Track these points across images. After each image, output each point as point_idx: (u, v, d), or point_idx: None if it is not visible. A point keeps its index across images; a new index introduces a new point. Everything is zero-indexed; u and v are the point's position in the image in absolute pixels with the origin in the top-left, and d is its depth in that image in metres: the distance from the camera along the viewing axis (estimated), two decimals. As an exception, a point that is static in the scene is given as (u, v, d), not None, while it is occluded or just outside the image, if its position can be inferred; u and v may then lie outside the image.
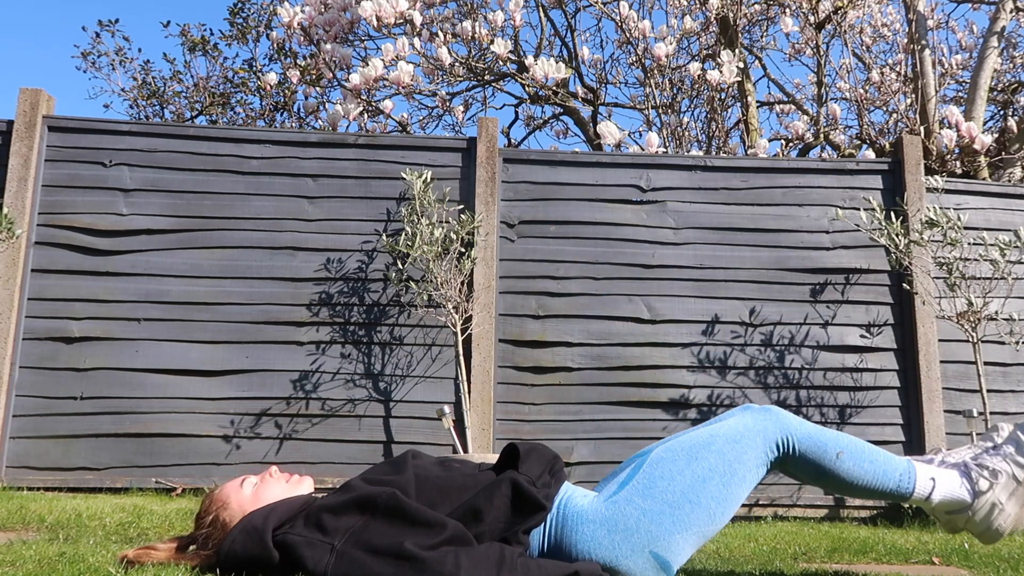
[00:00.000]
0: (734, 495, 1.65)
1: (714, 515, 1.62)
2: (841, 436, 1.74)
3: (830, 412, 4.25)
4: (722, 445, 1.66)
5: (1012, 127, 6.89)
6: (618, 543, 1.56)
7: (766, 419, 1.71)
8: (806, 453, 1.70)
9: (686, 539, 1.59)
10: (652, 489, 1.60)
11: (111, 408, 3.99)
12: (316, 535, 1.48)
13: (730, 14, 6.66)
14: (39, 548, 1.92)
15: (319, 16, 6.52)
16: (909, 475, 1.73)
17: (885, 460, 1.74)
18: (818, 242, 4.43)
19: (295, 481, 1.72)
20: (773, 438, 1.69)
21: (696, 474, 1.62)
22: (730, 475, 1.64)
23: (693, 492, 1.60)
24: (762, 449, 1.68)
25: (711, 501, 1.61)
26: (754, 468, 1.68)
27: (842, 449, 1.71)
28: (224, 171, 4.29)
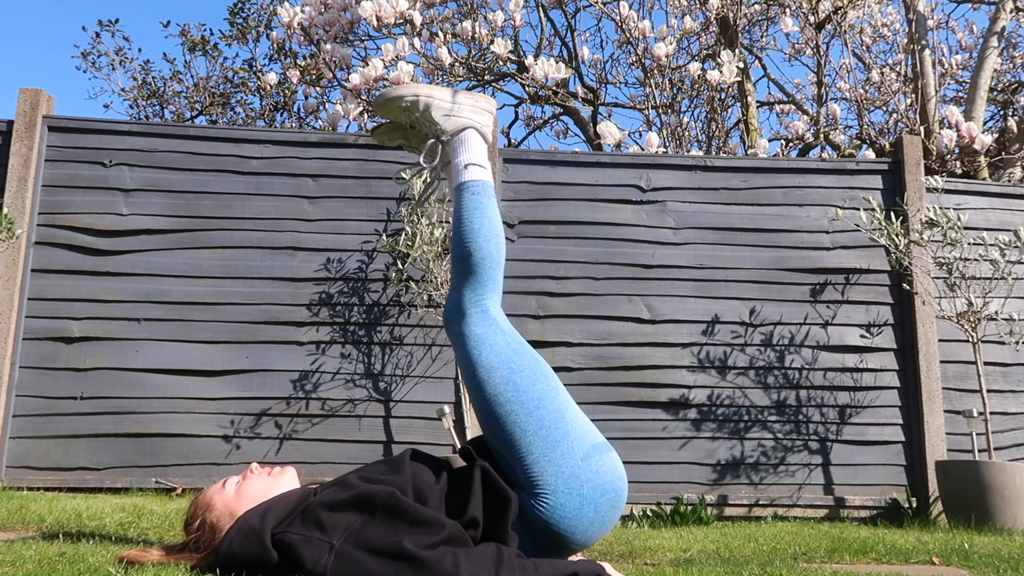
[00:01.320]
0: (524, 360, 1.73)
1: (546, 387, 1.71)
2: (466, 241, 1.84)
3: (830, 412, 4.25)
4: (484, 361, 1.74)
5: (1012, 127, 6.89)
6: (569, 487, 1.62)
7: (458, 317, 1.80)
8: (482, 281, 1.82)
9: (569, 420, 1.67)
10: (519, 445, 1.65)
11: (111, 408, 3.99)
12: (314, 533, 1.48)
13: (730, 14, 6.66)
14: (39, 548, 1.92)
15: (319, 16, 6.52)
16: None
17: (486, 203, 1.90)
18: (818, 242, 4.43)
19: (276, 473, 1.72)
20: (473, 314, 1.80)
21: (509, 399, 1.69)
22: (508, 363, 1.72)
23: (526, 405, 1.67)
24: (483, 325, 1.79)
25: (533, 387, 1.70)
26: (499, 334, 1.78)
27: (474, 247, 1.83)
28: (224, 171, 4.29)
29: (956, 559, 2.45)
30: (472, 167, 1.92)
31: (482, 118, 2.02)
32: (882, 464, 4.21)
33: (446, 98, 2.00)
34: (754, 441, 4.20)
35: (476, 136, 1.98)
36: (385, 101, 2.00)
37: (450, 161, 1.99)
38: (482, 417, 1.72)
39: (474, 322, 1.78)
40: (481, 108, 2.03)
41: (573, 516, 1.60)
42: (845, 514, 4.10)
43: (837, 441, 4.22)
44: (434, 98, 1.99)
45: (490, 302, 1.81)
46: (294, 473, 1.75)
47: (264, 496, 1.64)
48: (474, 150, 1.96)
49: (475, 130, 1.99)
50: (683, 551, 2.57)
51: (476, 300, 1.80)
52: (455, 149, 1.97)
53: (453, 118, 1.99)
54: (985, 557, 2.44)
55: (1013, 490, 3.50)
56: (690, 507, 3.89)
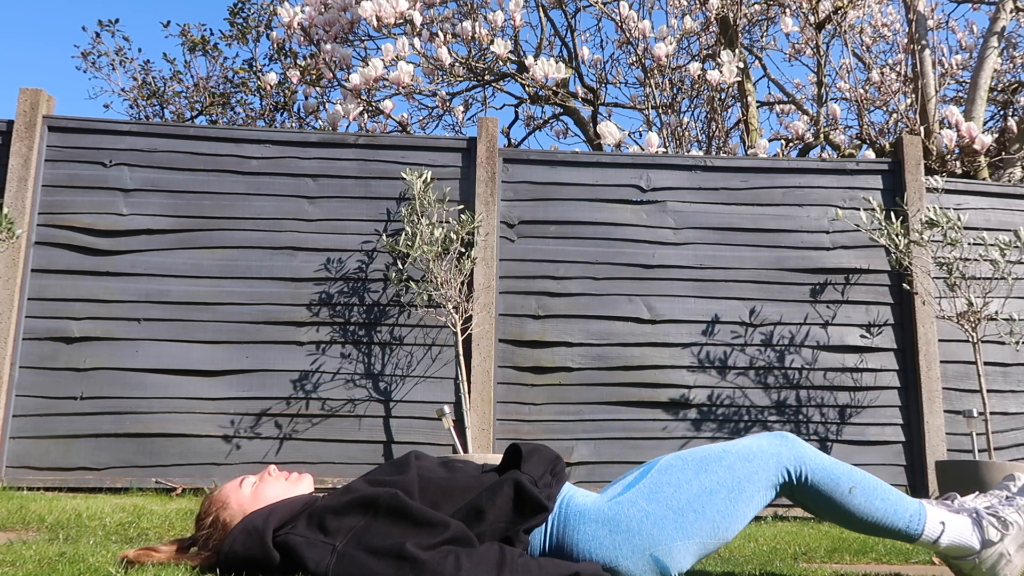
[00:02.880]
0: (740, 512, 1.64)
1: (718, 528, 1.61)
2: (855, 471, 1.73)
3: (830, 412, 4.25)
4: (733, 461, 1.66)
5: (1012, 127, 6.89)
6: (619, 543, 1.56)
7: (781, 444, 1.71)
8: (818, 484, 1.70)
9: (687, 547, 1.59)
10: (657, 494, 1.60)
11: (111, 408, 3.99)
12: (318, 536, 1.48)
13: (730, 14, 6.66)
14: (39, 548, 1.92)
15: (319, 16, 6.52)
16: (920, 516, 1.72)
17: (897, 499, 1.73)
18: (818, 242, 4.43)
19: (294, 479, 1.72)
20: (785, 463, 1.69)
21: (704, 485, 1.62)
22: (738, 492, 1.64)
23: (699, 502, 1.60)
24: (774, 471, 1.68)
25: (716, 514, 1.61)
26: (763, 489, 1.67)
27: (855, 484, 1.71)
28: (224, 171, 4.29)
29: (956, 559, 2.44)
30: (938, 526, 1.73)
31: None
32: (882, 464, 4.21)
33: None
34: (754, 441, 4.19)
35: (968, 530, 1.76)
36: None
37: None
38: (682, 457, 1.66)
39: (779, 469, 1.68)
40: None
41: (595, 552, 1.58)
42: (845, 514, 4.10)
43: (837, 441, 4.22)
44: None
45: (798, 488, 1.72)
46: (311, 480, 1.75)
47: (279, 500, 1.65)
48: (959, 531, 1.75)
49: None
50: (683, 551, 2.57)
51: (798, 477, 1.70)
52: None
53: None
54: (985, 557, 2.43)
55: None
56: (690, 507, 3.88)
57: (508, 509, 1.56)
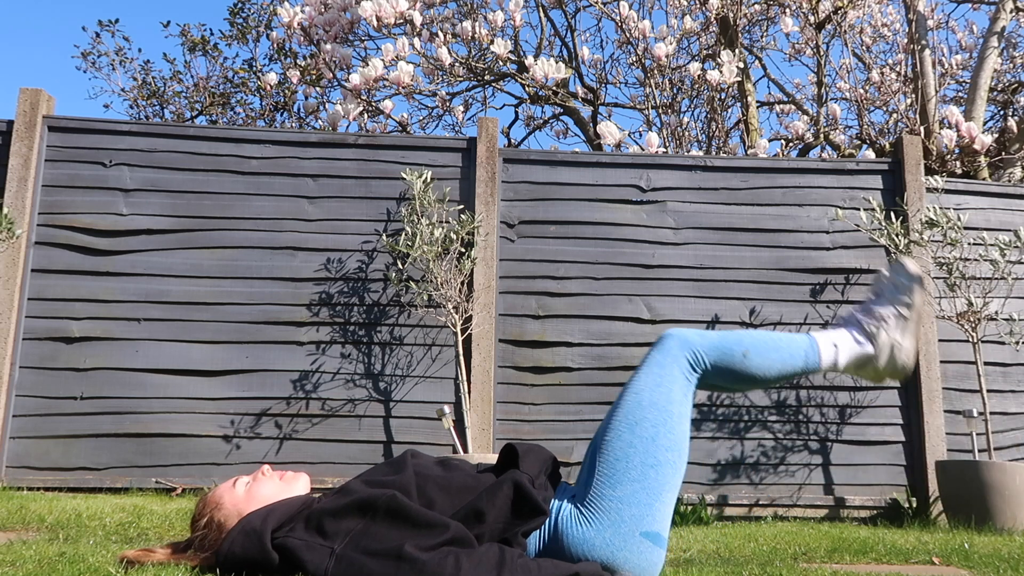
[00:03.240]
0: (681, 434, 1.69)
1: (675, 464, 1.66)
2: (744, 335, 1.78)
3: (830, 412, 4.25)
4: (650, 396, 1.70)
5: (1012, 127, 6.89)
6: (610, 539, 1.57)
7: (671, 345, 1.77)
8: (717, 363, 1.75)
9: (664, 501, 1.63)
10: (615, 475, 1.62)
11: (111, 408, 3.99)
12: (316, 539, 1.48)
13: (730, 14, 6.66)
14: (39, 548, 1.92)
15: (319, 16, 6.52)
16: (813, 350, 1.81)
17: (788, 343, 1.80)
18: (818, 242, 4.43)
19: (289, 478, 1.72)
20: (684, 362, 1.75)
21: (644, 439, 1.65)
22: (669, 419, 1.68)
23: (650, 456, 1.64)
24: (683, 378, 1.74)
25: (667, 453, 1.65)
26: (684, 399, 1.73)
27: (746, 348, 1.76)
28: (224, 171, 4.29)
29: (956, 559, 2.45)
30: (831, 349, 1.83)
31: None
32: (882, 464, 4.21)
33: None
34: (754, 441, 4.20)
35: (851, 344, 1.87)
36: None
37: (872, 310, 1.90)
38: (613, 422, 1.69)
39: (684, 369, 1.74)
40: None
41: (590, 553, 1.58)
42: (845, 514, 4.10)
43: (837, 441, 4.22)
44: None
45: (709, 375, 1.76)
46: (306, 479, 1.75)
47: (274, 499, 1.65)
48: (846, 347, 1.85)
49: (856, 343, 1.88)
50: (683, 551, 2.57)
51: (705, 364, 1.75)
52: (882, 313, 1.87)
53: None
54: (985, 557, 2.44)
55: (1013, 490, 3.50)
56: (690, 507, 3.89)
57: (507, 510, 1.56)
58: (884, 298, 1.90)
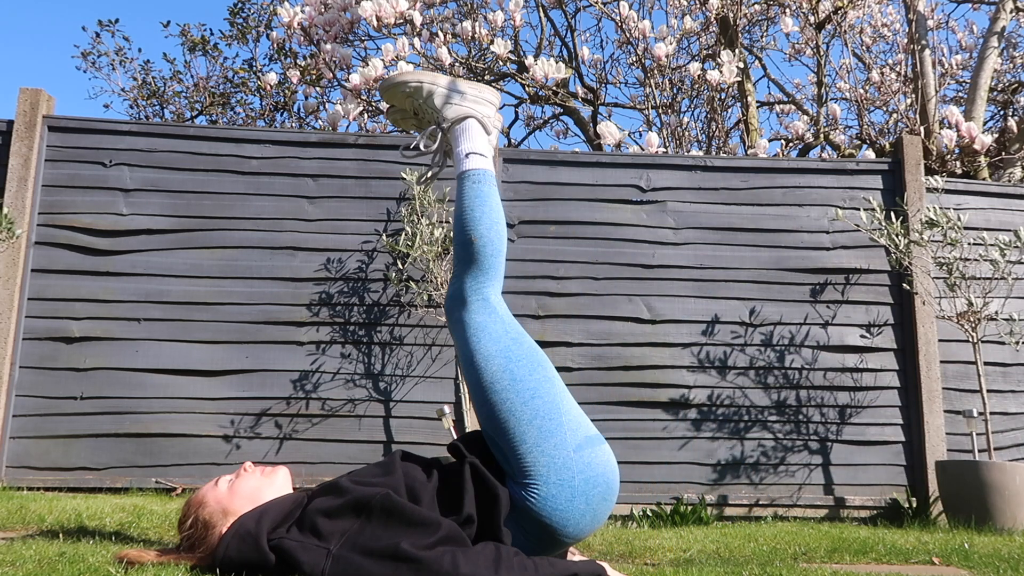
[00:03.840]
0: (518, 348, 1.76)
1: (542, 375, 1.75)
2: (472, 229, 1.84)
3: (830, 412, 4.25)
4: (479, 359, 1.75)
5: (1012, 127, 6.89)
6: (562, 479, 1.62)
7: (455, 311, 1.82)
8: (473, 273, 1.83)
9: (563, 410, 1.70)
10: (516, 436, 1.66)
11: (111, 408, 3.98)
12: (311, 540, 1.48)
13: (730, 14, 6.65)
14: (39, 548, 1.92)
15: (319, 16, 6.52)
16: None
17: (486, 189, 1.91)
18: (818, 242, 4.43)
19: (269, 472, 1.73)
20: (472, 305, 1.81)
21: (504, 387, 1.71)
22: (503, 353, 1.74)
23: (521, 394, 1.70)
24: (479, 315, 1.80)
25: (528, 376, 1.73)
26: (492, 322, 1.79)
27: (476, 235, 1.84)
28: (224, 171, 4.29)
29: (956, 559, 2.45)
30: (473, 156, 1.93)
31: (485, 108, 2.03)
32: (882, 464, 4.21)
33: (448, 86, 2.01)
34: (754, 441, 4.20)
35: (477, 125, 2.00)
36: (390, 86, 2.03)
37: (452, 150, 2.01)
38: (478, 405, 1.73)
39: (474, 310, 1.79)
40: (484, 99, 2.04)
41: (564, 508, 1.60)
42: (845, 514, 4.10)
43: (837, 441, 4.22)
44: (437, 86, 2.01)
45: (491, 291, 1.82)
46: (287, 472, 1.76)
47: (257, 494, 1.65)
48: (475, 139, 1.97)
49: (476, 120, 2.00)
50: (683, 551, 2.57)
51: (477, 288, 1.81)
52: (456, 138, 1.99)
53: (455, 106, 2.00)
54: (985, 557, 2.44)
55: (1013, 490, 3.50)
56: (690, 507, 3.89)
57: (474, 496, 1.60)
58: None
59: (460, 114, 1.99)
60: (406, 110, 2.08)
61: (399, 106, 2.08)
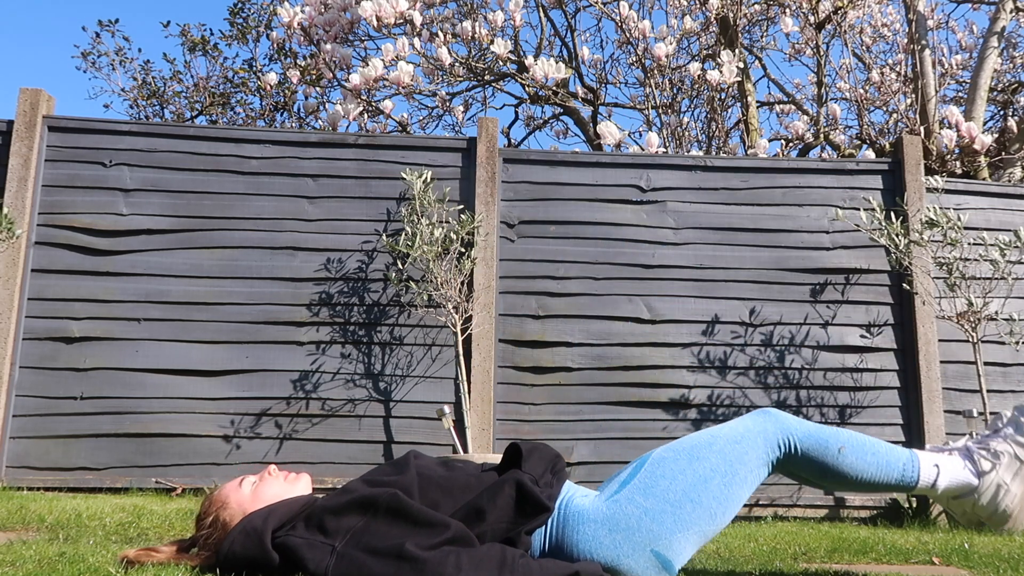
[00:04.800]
0: (735, 495, 1.65)
1: (715, 515, 1.62)
2: (841, 432, 1.73)
3: (830, 412, 4.25)
4: (724, 445, 1.67)
5: (1012, 127, 6.89)
6: (619, 542, 1.56)
7: (766, 420, 1.72)
8: (808, 452, 1.70)
9: (687, 538, 1.59)
10: (653, 488, 1.60)
11: (111, 408, 3.99)
12: (317, 537, 1.48)
13: (730, 14, 6.66)
14: (39, 548, 1.92)
15: (319, 16, 6.52)
16: (913, 464, 1.73)
17: (887, 452, 1.74)
18: (818, 242, 4.43)
19: (292, 479, 1.72)
20: (774, 438, 1.70)
21: (698, 473, 1.62)
22: (731, 475, 1.64)
23: (695, 491, 1.61)
24: (763, 449, 1.69)
25: (712, 500, 1.61)
26: (756, 468, 1.68)
27: (843, 444, 1.70)
28: (224, 171, 4.29)
29: (956, 559, 2.45)
30: (933, 469, 1.77)
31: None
32: (882, 464, 4.20)
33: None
34: (754, 441, 4.19)
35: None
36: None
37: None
38: (672, 448, 1.67)
39: (768, 443, 1.69)
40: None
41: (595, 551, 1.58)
42: (845, 514, 4.10)
43: (837, 441, 4.22)
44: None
45: (790, 460, 1.71)
46: (308, 480, 1.75)
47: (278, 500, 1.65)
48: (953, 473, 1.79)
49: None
50: (683, 551, 2.57)
51: (787, 446, 1.70)
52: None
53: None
54: (985, 557, 2.44)
55: (1013, 490, 3.49)
56: (690, 507, 3.88)
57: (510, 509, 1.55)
58: (1005, 434, 1.80)
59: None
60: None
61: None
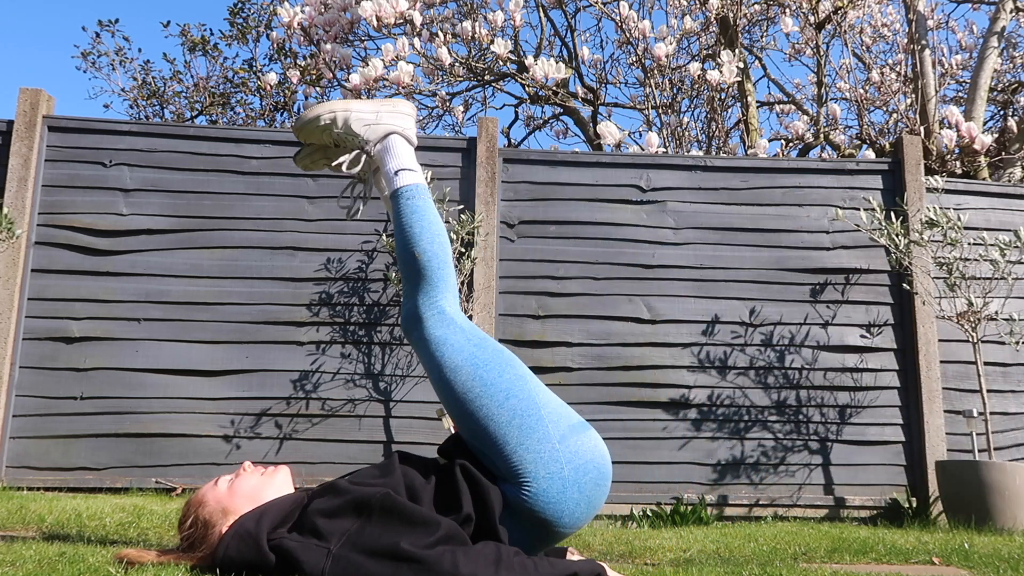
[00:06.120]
0: (483, 352, 1.73)
1: (512, 373, 1.71)
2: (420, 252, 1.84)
3: (830, 412, 4.25)
4: (447, 374, 1.73)
5: (1012, 127, 6.89)
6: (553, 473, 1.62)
7: (414, 330, 1.80)
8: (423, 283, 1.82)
9: (541, 403, 1.68)
10: (496, 438, 1.65)
11: (111, 408, 3.99)
12: (312, 539, 1.48)
13: (730, 14, 6.65)
14: (39, 548, 1.92)
15: (319, 16, 6.52)
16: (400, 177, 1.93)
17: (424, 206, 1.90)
18: (818, 242, 4.43)
19: (270, 472, 1.72)
20: (428, 320, 1.79)
21: (478, 395, 1.69)
22: (470, 360, 1.72)
23: (495, 397, 1.68)
24: (435, 327, 1.78)
25: (499, 378, 1.70)
26: (450, 331, 1.77)
27: (418, 251, 1.83)
28: (224, 171, 4.29)
29: (956, 559, 2.45)
30: (403, 172, 1.93)
31: (404, 122, 2.02)
32: (882, 464, 4.21)
33: (364, 108, 2.00)
34: (754, 441, 4.20)
35: (401, 140, 1.99)
36: (304, 124, 2.01)
37: (379, 169, 2.00)
38: (456, 417, 1.73)
39: (432, 325, 1.78)
40: (401, 112, 2.03)
41: (557, 500, 1.61)
42: (845, 514, 4.10)
43: (837, 441, 4.22)
44: (351, 111, 1.99)
45: (445, 302, 1.82)
46: (287, 472, 1.75)
47: (257, 493, 1.65)
48: (401, 155, 1.96)
49: (399, 135, 2.00)
50: (683, 551, 2.57)
51: (430, 303, 1.81)
52: (382, 157, 1.98)
53: (374, 127, 1.99)
54: (985, 557, 2.44)
55: (1013, 490, 3.50)
56: (690, 507, 3.89)
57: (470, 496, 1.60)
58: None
59: (382, 132, 1.98)
60: (327, 145, 2.05)
61: (318, 142, 2.06)
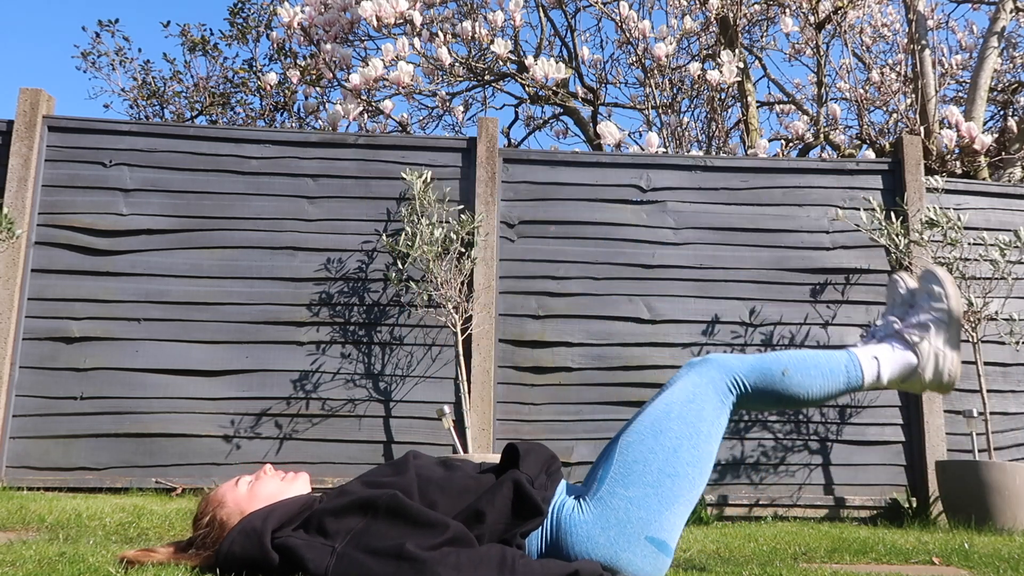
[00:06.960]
0: (706, 452, 1.68)
1: (694, 480, 1.65)
2: (781, 355, 1.77)
3: (830, 412, 4.25)
4: (680, 410, 1.69)
5: (1012, 127, 6.89)
6: (614, 538, 1.57)
7: (709, 369, 1.75)
8: (756, 384, 1.73)
9: (675, 512, 1.61)
10: (630, 476, 1.62)
11: (111, 408, 3.99)
12: (317, 538, 1.48)
13: (730, 14, 6.66)
14: (39, 548, 1.92)
15: (319, 16, 6.52)
16: (854, 365, 1.77)
17: (827, 360, 1.77)
18: (818, 242, 4.43)
19: (290, 478, 1.72)
20: (722, 384, 1.73)
21: (666, 447, 1.64)
22: (697, 435, 1.67)
23: (669, 465, 1.63)
24: (717, 398, 1.72)
25: (687, 467, 1.64)
26: (716, 419, 1.71)
27: (785, 367, 1.74)
28: (224, 171, 4.29)
29: (956, 559, 2.45)
30: (872, 363, 1.80)
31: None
32: (882, 464, 4.21)
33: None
34: (754, 441, 4.20)
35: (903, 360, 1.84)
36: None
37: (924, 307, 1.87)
38: (634, 430, 1.69)
39: (718, 391, 1.72)
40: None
41: (592, 551, 1.58)
42: (845, 514, 4.10)
43: (837, 441, 4.22)
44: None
45: (745, 398, 1.74)
46: (306, 479, 1.75)
47: (276, 498, 1.65)
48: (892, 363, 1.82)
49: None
50: (683, 551, 2.57)
51: (734, 381, 1.73)
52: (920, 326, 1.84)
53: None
54: (985, 557, 2.44)
55: (1013, 490, 3.50)
56: (690, 507, 3.88)
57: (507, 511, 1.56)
58: (919, 308, 1.85)
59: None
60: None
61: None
